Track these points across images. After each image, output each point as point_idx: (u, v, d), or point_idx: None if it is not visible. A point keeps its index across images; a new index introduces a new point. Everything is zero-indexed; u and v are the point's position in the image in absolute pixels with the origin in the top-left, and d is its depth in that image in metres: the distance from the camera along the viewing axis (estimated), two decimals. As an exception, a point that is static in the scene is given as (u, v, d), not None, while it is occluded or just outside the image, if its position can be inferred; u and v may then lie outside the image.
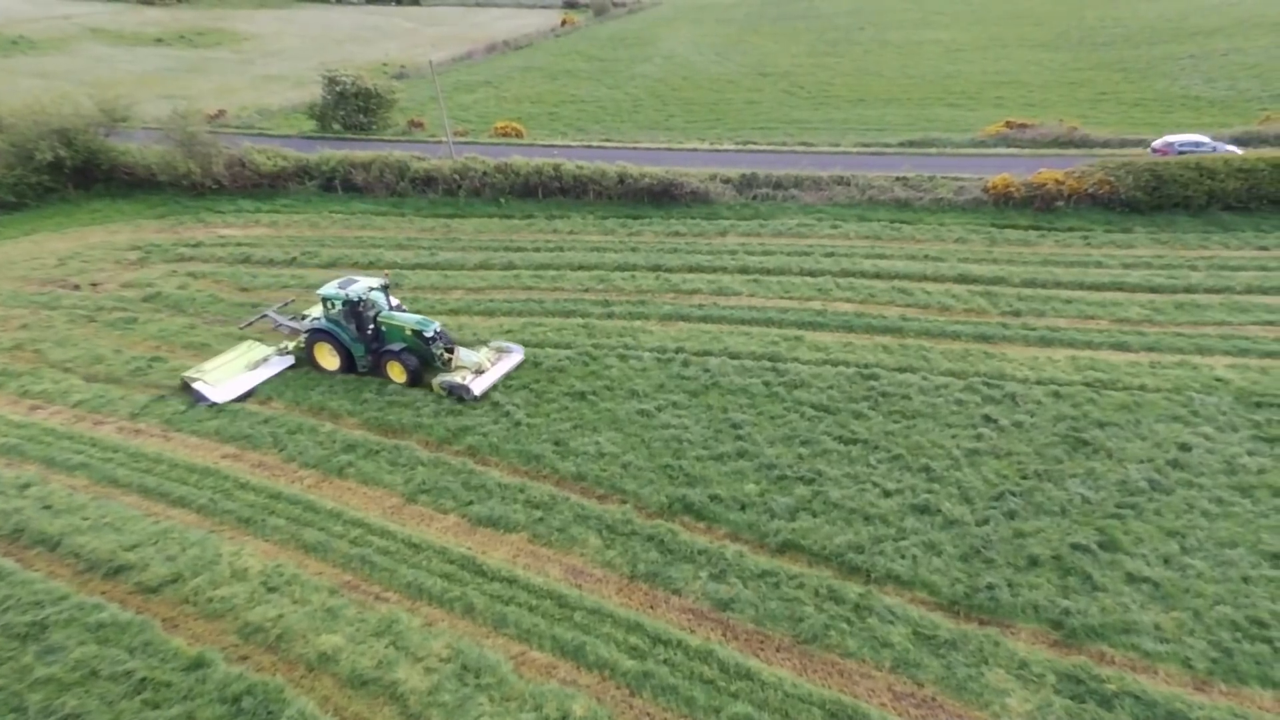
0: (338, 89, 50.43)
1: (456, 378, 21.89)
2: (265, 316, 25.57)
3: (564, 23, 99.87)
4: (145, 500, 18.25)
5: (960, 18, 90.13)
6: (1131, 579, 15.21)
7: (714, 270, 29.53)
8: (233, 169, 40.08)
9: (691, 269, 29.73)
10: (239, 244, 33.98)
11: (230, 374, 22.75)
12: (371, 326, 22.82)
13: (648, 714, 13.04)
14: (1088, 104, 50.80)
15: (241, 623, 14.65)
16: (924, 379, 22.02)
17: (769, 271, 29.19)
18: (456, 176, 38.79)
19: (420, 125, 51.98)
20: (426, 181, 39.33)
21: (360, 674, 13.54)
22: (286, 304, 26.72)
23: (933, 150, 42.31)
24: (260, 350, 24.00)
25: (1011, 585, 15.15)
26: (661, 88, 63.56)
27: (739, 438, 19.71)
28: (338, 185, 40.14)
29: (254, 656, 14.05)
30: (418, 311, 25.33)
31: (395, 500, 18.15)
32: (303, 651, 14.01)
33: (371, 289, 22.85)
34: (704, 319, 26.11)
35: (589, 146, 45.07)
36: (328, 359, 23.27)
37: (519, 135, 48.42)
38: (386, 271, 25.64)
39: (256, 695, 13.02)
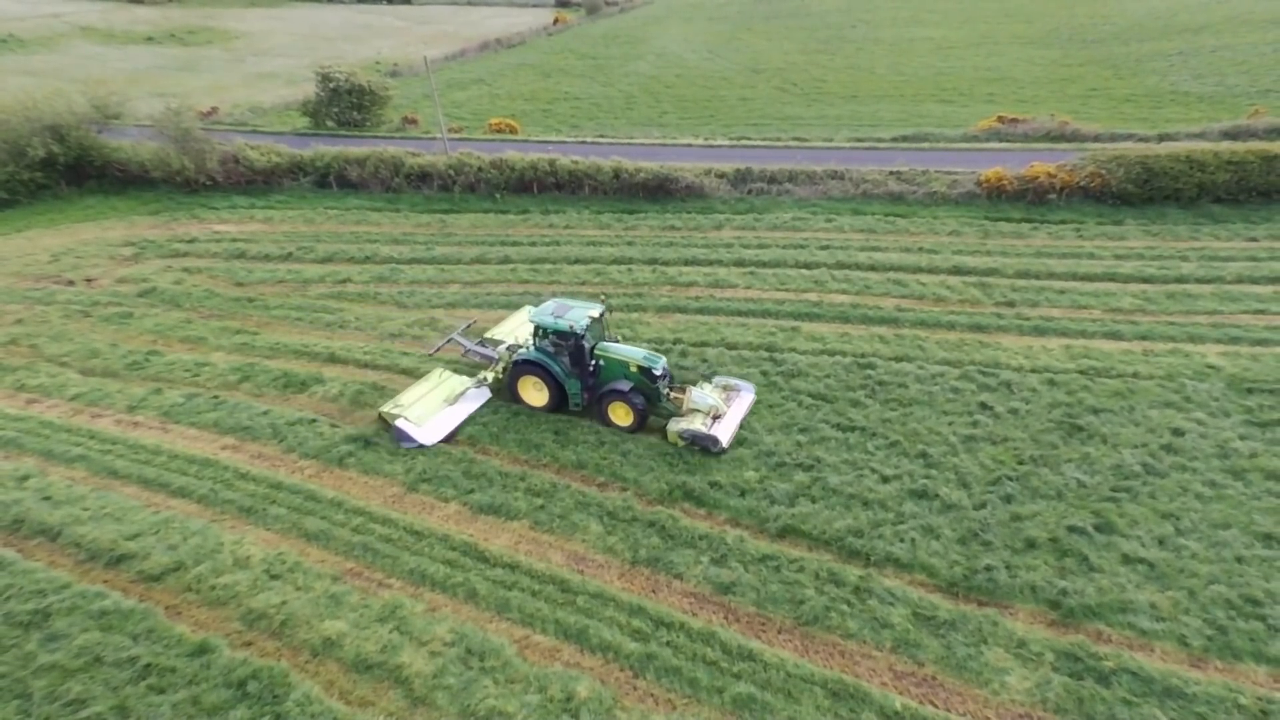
0: (331, 86, 50.36)
1: (697, 425, 18.93)
2: (452, 340, 23.21)
3: (556, 21, 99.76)
4: (145, 491, 18.25)
5: (951, 15, 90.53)
6: (1127, 560, 15.40)
7: (710, 263, 29.66)
8: (227, 165, 39.98)
9: (688, 262, 29.85)
10: (234, 240, 33.93)
11: (430, 409, 20.14)
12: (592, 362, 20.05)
13: (651, 695, 13.15)
14: (1078, 100, 51.13)
15: (245, 609, 14.68)
16: (920, 368, 22.20)
17: (765, 264, 29.33)
18: (451, 172, 38.80)
19: (414, 122, 51.94)
20: (421, 177, 39.32)
21: (365, 658, 13.60)
22: (469, 325, 24.39)
23: (926, 145, 42.52)
24: (455, 380, 21.37)
25: (1009, 567, 15.32)
26: (655, 85, 63.65)
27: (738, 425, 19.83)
28: (332, 181, 40.09)
29: (258, 642, 14.08)
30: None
31: (396, 489, 18.21)
32: (307, 637, 14.06)
33: (591, 317, 19.85)
34: (701, 311, 26.25)
35: (583, 142, 45.12)
36: (533, 394, 20.62)
37: (513, 132, 48.44)
38: (603, 296, 22.31)
39: (261, 680, 13.06)
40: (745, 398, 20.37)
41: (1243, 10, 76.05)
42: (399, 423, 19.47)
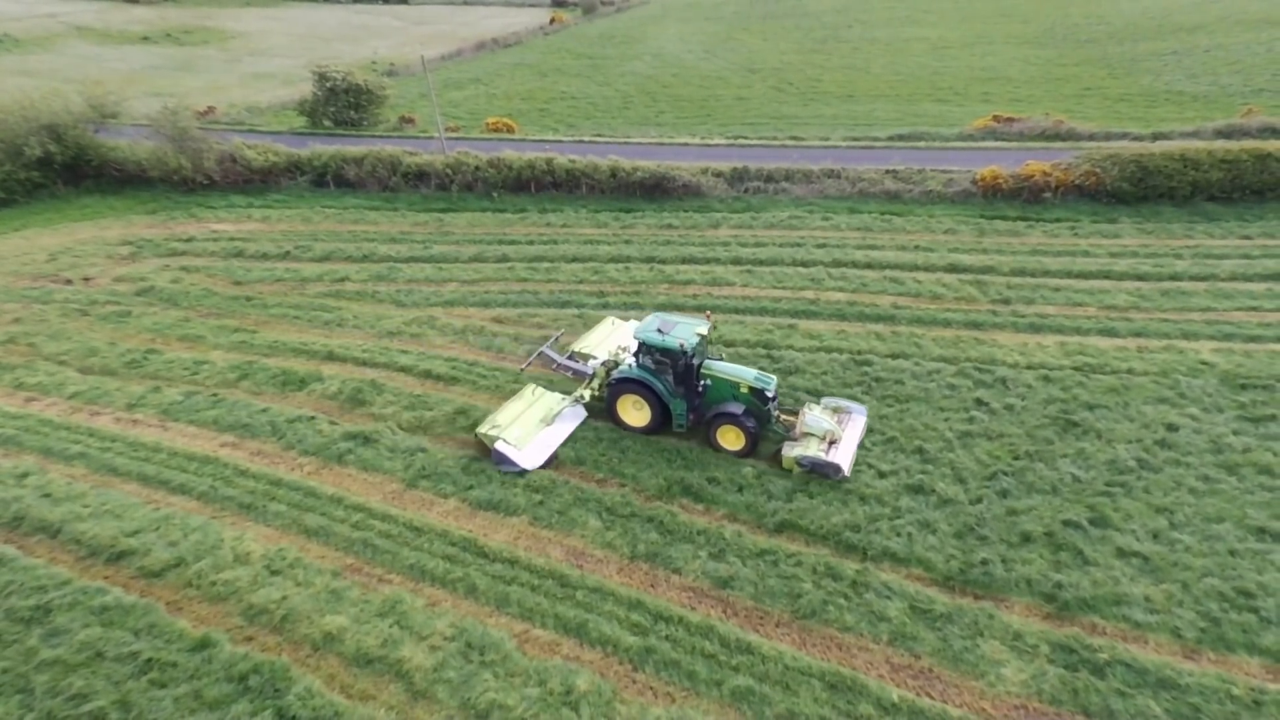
0: (328, 85, 50.37)
1: (813, 451, 17.82)
2: (542, 354, 22.41)
3: (553, 21, 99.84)
4: (145, 488, 18.30)
5: (946, 15, 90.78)
6: (1122, 553, 15.53)
7: (707, 261, 29.76)
8: (224, 165, 40.00)
9: (685, 260, 29.95)
10: (231, 239, 33.96)
11: (528, 430, 18.98)
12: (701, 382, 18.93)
13: (650, 688, 13.25)
14: (1073, 99, 51.34)
15: (245, 605, 14.75)
16: (916, 365, 22.32)
17: (762, 262, 29.45)
18: (449, 171, 38.87)
19: (411, 121, 51.99)
20: (419, 176, 39.39)
21: (365, 653, 13.67)
22: (556, 338, 23.55)
23: (922, 144, 42.66)
24: (549, 399, 20.26)
25: (1005, 561, 15.45)
26: (651, 84, 63.75)
27: (735, 422, 19.91)
28: (330, 180, 40.14)
29: (259, 637, 14.15)
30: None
31: (395, 486, 18.28)
32: (307, 632, 14.13)
33: (700, 334, 18.84)
34: (699, 309, 26.30)
35: (580, 141, 45.21)
36: (633, 414, 19.54)
37: (510, 131, 48.51)
38: (708, 313, 20.96)
39: (263, 674, 13.14)
40: (858, 420, 19.14)
41: (1236, 10, 76.38)
42: (499, 445, 18.30)
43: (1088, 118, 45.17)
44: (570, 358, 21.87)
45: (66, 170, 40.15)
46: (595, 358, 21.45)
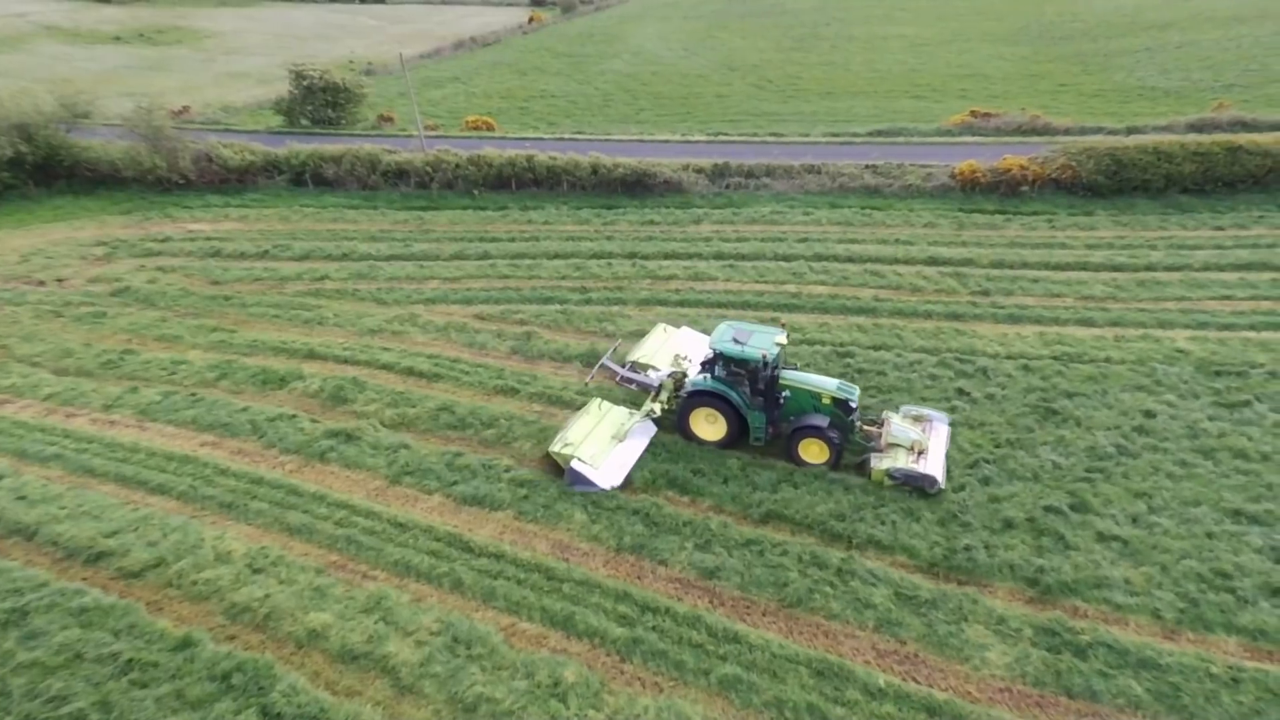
0: (305, 84, 49.90)
1: (904, 462, 17.12)
2: (604, 366, 21.47)
3: (532, 20, 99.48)
4: (123, 489, 18.04)
5: (923, 13, 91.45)
6: (1102, 537, 15.73)
7: (690, 257, 29.80)
8: (200, 164, 39.51)
9: (667, 256, 29.97)
10: (208, 238, 33.56)
11: (602, 448, 18.03)
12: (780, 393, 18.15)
13: (638, 678, 13.25)
14: (1048, 95, 51.89)
15: (228, 604, 14.58)
16: (898, 356, 22.48)
17: (744, 257, 29.53)
18: (429, 169, 38.64)
19: (390, 120, 51.62)
20: (399, 175, 39.12)
21: (350, 649, 13.56)
22: (615, 349, 22.45)
23: (900, 139, 42.96)
24: (617, 413, 19.25)
25: (988, 547, 15.60)
26: (631, 82, 63.72)
27: (719, 415, 19.94)
28: (308, 179, 39.77)
29: (242, 635, 14.00)
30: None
31: (379, 483, 18.15)
32: (291, 629, 14.00)
33: (779, 344, 18.08)
34: (681, 304, 26.37)
35: (561, 139, 45.12)
36: (706, 428, 18.65)
37: (490, 129, 48.29)
38: (783, 321, 20.36)
39: (246, 672, 12.98)
40: (941, 429, 18.44)
41: (1206, 7, 77.57)
42: (575, 464, 17.36)
43: (1063, 113, 45.66)
44: (630, 368, 21.05)
45: (38, 171, 39.43)
46: (655, 368, 20.75)
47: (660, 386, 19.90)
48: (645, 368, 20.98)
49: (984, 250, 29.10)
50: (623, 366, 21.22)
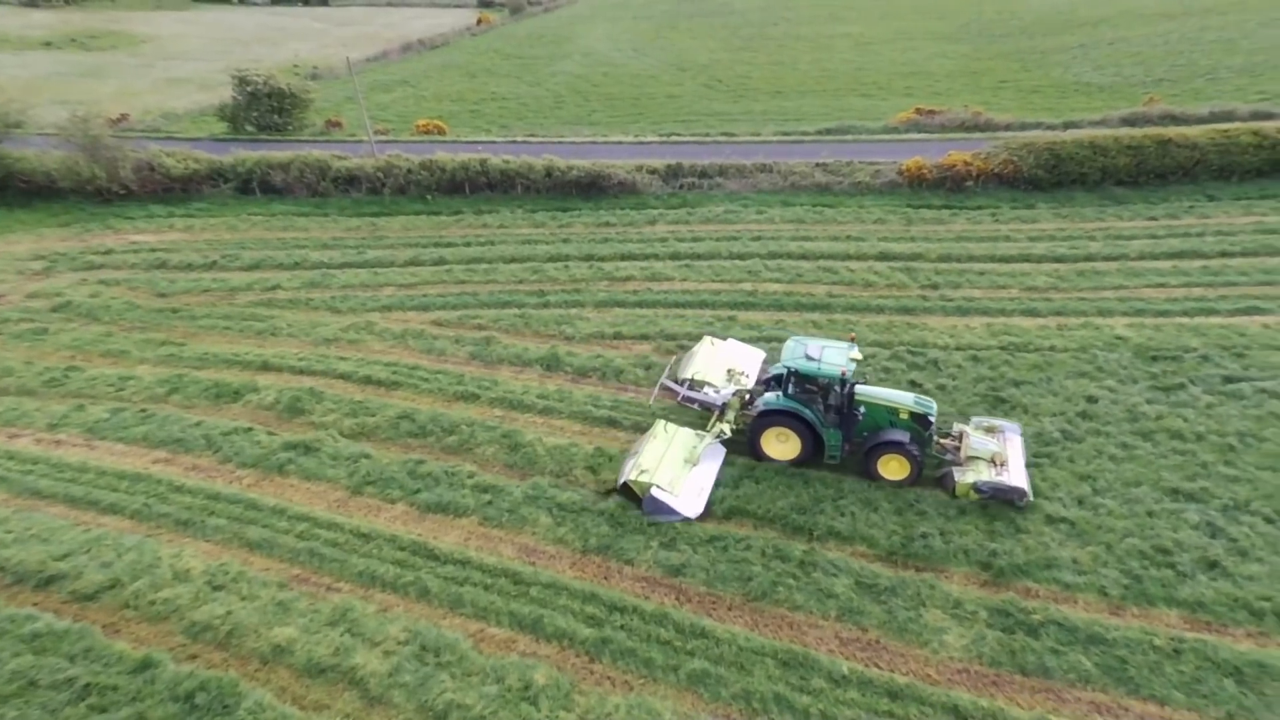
0: (249, 89, 48.76)
1: (989, 475, 16.85)
2: (664, 386, 20.74)
3: (480, 21, 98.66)
4: (73, 510, 17.58)
5: (868, 13, 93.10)
6: (1050, 520, 16.35)
7: (646, 257, 29.99)
8: (141, 173, 38.41)
9: (624, 257, 30.13)
10: (153, 250, 32.73)
11: (676, 472, 17.28)
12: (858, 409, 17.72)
13: (608, 677, 13.39)
14: (989, 92, 53.32)
15: (188, 623, 14.34)
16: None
17: (699, 256, 29.83)
18: (380, 175, 38.18)
19: (338, 125, 50.82)
20: (349, 180, 38.57)
21: (317, 662, 13.45)
22: (671, 366, 21.76)
23: (849, 137, 43.73)
24: (684, 435, 18.45)
25: (943, 534, 16.09)
26: (582, 84, 63.70)
27: (680, 414, 20.18)
28: (255, 187, 38.97)
29: (204, 654, 13.79)
30: None
31: (340, 494, 17.99)
32: (255, 646, 13.82)
33: (855, 359, 17.38)
34: (639, 304, 26.56)
35: (514, 142, 44.95)
36: (777, 447, 18.12)
37: (441, 133, 47.88)
38: (853, 335, 19.70)
39: (210, 691, 12.80)
40: (1014, 438, 18.15)
41: (1136, 5, 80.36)
42: (655, 492, 16.58)
43: (1004, 109, 46.97)
44: (688, 387, 20.42)
45: (-32, 183, 37.99)
46: (712, 384, 20.30)
47: (726, 405, 19.42)
48: (701, 384, 20.38)
49: (932, 245, 29.86)
50: (680, 384, 20.56)
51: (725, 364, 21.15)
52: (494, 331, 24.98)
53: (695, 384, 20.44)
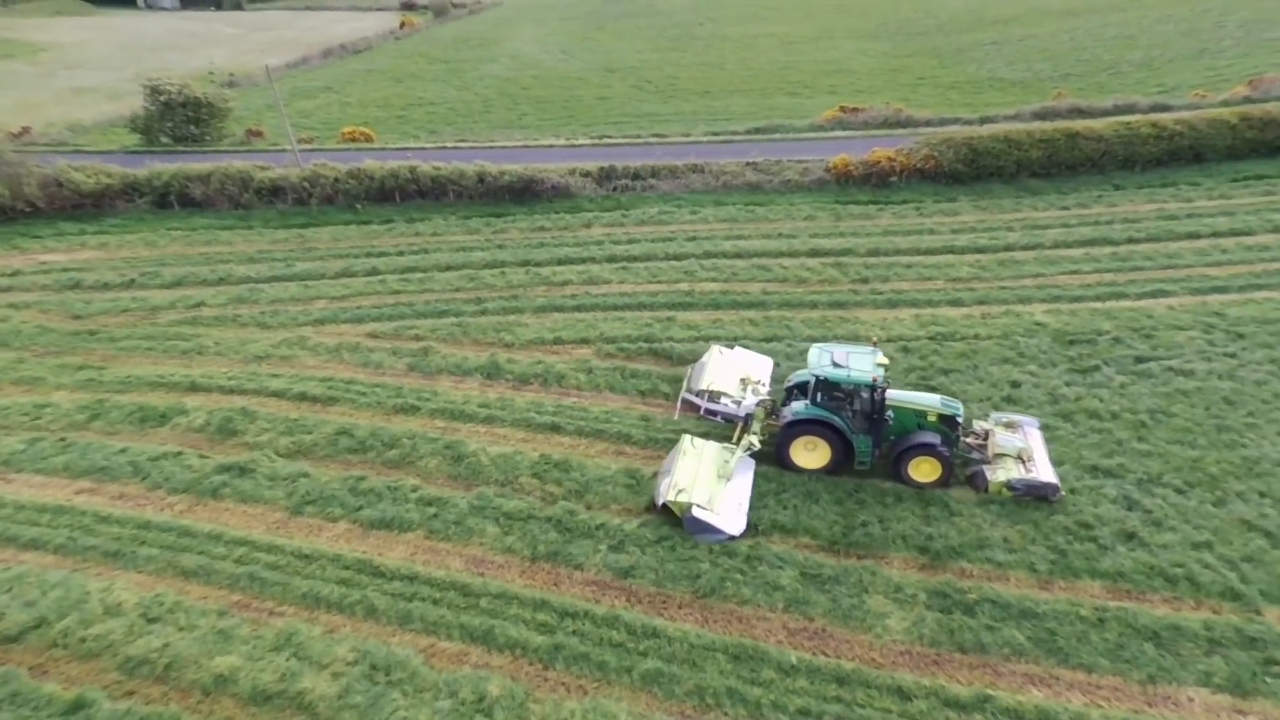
0: (162, 99, 46.96)
1: (1021, 473, 17.12)
2: (685, 400, 20.60)
3: (403, 25, 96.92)
4: (-10, 548, 16.71)
5: (790, 12, 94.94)
6: (982, 502, 17.06)
7: (582, 261, 30.05)
8: (48, 190, 36.62)
9: (560, 261, 30.12)
10: (65, 269, 31.25)
11: (713, 488, 16.96)
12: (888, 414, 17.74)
13: (563, 684, 13.45)
14: (909, 88, 55.04)
15: (122, 658, 13.82)
16: (789, 346, 23.47)
17: (636, 258, 30.02)
18: (306, 185, 37.25)
19: (260, 134, 49.32)
20: (274, 192, 37.51)
21: (262, 690, 13.13)
22: (688, 377, 21.53)
23: (777, 136, 44.61)
24: (712, 450, 18.12)
25: (882, 521, 16.64)
26: (511, 87, 63.31)
27: (623, 416, 20.34)
28: (173, 201, 37.55)
29: (141, 690, 13.32)
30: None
31: (279, 515, 17.56)
32: (196, 677, 13.42)
33: (883, 365, 17.51)
34: (578, 308, 26.60)
35: (444, 148, 44.36)
36: (807, 456, 17.98)
37: (369, 140, 46.94)
38: (874, 339, 19.98)
39: (150, 727, 12.39)
40: (1034, 432, 18.50)
41: (1043, 2, 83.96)
42: (696, 512, 16.23)
43: (923, 105, 48.54)
44: (708, 399, 20.23)
45: None
46: (727, 394, 20.17)
47: (751, 416, 19.27)
48: (717, 395, 20.24)
49: (861, 240, 30.71)
50: (699, 397, 20.38)
51: (737, 373, 21.00)
52: (432, 341, 24.69)
53: (712, 395, 20.27)
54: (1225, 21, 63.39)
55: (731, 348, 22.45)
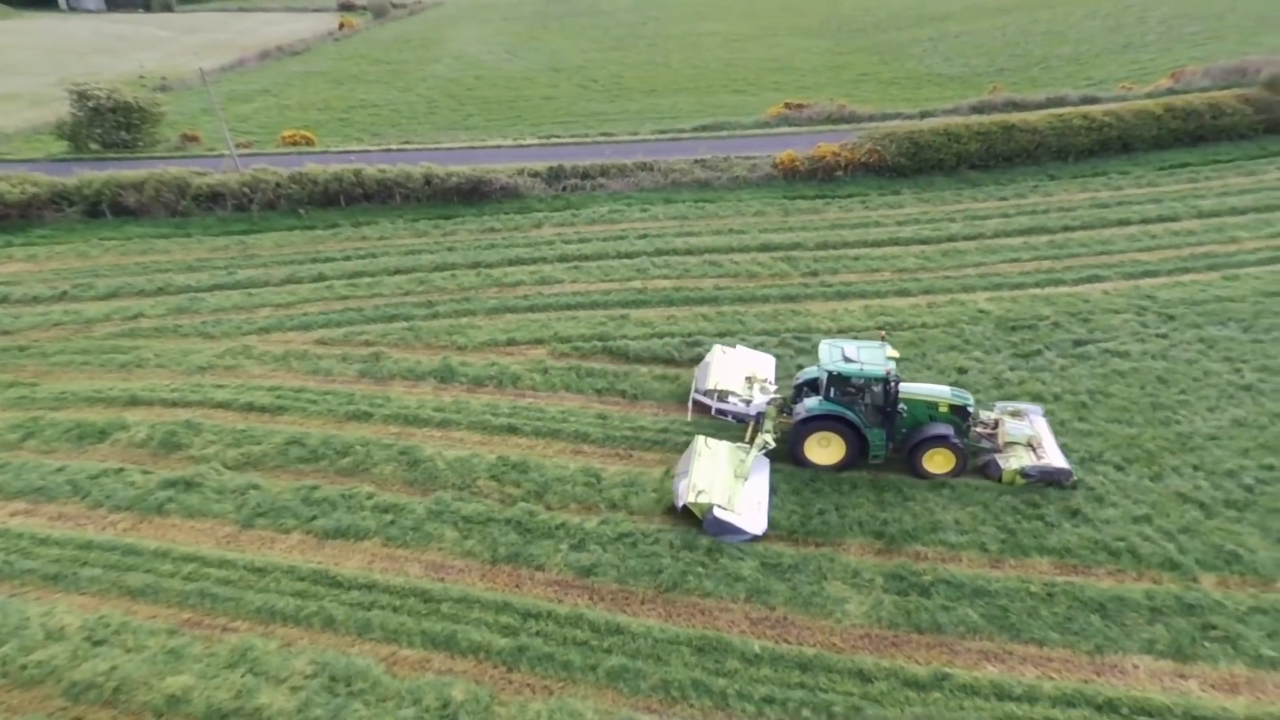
0: (90, 104, 45.25)
1: (1032, 460, 17.37)
2: (695, 401, 20.45)
3: (342, 26, 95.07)
4: (-81, 577, 15.92)
5: (733, 11, 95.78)
6: (934, 486, 17.46)
7: (534, 261, 29.89)
8: (-30, 201, 35.04)
9: (511, 262, 29.92)
10: (-9, 283, 29.95)
11: (731, 489, 16.79)
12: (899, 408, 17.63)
13: (528, 685, 13.39)
14: (851, 84, 56.03)
15: (67, 684, 13.31)
16: (742, 340, 23.68)
17: (587, 257, 29.98)
18: (247, 190, 36.27)
19: (195, 139, 47.88)
20: (212, 198, 36.43)
21: (217, 708, 12.78)
22: (696, 379, 21.27)
23: (724, 133, 44.99)
24: (725, 449, 17.95)
25: (838, 509, 16.93)
26: (455, 88, 62.62)
27: (580, 415, 20.31)
28: (106, 210, 36.26)
29: (89, 715, 12.90)
30: None
31: (229, 528, 17.10)
32: (147, 699, 12.99)
33: (891, 357, 17.50)
34: (530, 309, 26.47)
35: (389, 150, 43.72)
36: (820, 452, 17.91)
37: (310, 143, 45.94)
38: (882, 332, 20.29)
39: (99, 753, 11.97)
40: (1039, 420, 18.67)
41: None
42: (718, 513, 16.07)
43: (866, 101, 49.48)
44: (718, 398, 20.13)
45: None
46: (734, 393, 20.11)
47: (763, 415, 19.26)
48: (724, 395, 20.16)
49: (809, 234, 31.16)
50: (709, 397, 20.28)
51: (741, 372, 20.99)
52: (383, 347, 24.29)
53: (720, 394, 20.23)
54: (1147, 17, 65.99)
55: (734, 347, 22.42)
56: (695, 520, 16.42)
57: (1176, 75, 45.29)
